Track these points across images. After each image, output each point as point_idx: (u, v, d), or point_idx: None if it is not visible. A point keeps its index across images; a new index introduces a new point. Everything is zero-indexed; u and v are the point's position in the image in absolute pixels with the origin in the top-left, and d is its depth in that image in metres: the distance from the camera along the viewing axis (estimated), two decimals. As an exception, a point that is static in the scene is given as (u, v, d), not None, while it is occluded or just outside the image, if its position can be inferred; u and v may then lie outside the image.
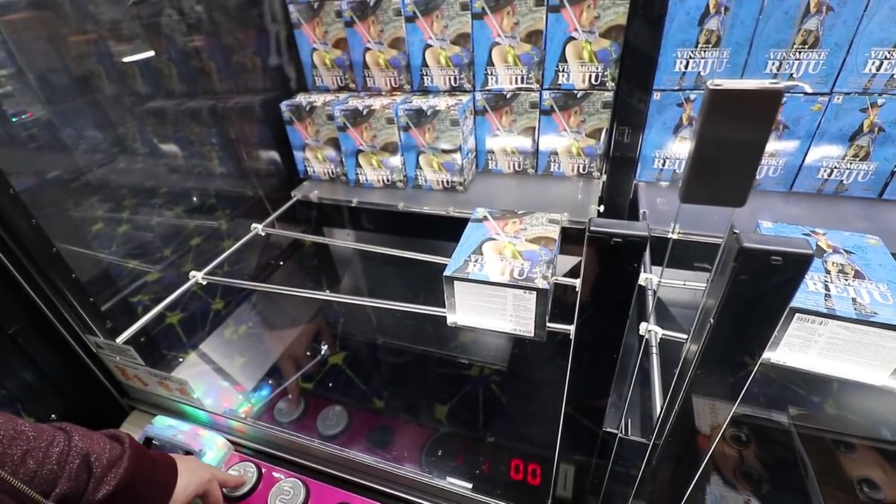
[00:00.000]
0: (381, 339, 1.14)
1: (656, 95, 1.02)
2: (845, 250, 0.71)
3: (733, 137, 0.29)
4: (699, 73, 0.97)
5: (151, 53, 1.24)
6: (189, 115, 1.31)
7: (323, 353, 1.03)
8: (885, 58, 0.86)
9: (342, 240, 1.34)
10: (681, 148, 1.07)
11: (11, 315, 0.75)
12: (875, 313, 0.60)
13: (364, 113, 1.12)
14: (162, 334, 1.02)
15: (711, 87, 0.29)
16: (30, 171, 1.02)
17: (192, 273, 0.97)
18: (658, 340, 0.76)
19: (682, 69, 0.98)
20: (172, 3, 1.18)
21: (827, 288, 0.64)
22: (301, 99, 1.21)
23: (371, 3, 1.09)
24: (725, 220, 0.89)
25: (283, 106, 1.20)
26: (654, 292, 0.85)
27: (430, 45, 1.11)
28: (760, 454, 0.71)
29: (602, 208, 1.09)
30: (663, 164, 1.10)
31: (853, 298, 0.62)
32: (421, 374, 1.03)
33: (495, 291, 0.73)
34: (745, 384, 0.40)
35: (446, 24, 1.07)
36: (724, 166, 0.30)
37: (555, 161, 1.18)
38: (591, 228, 0.37)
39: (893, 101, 0.90)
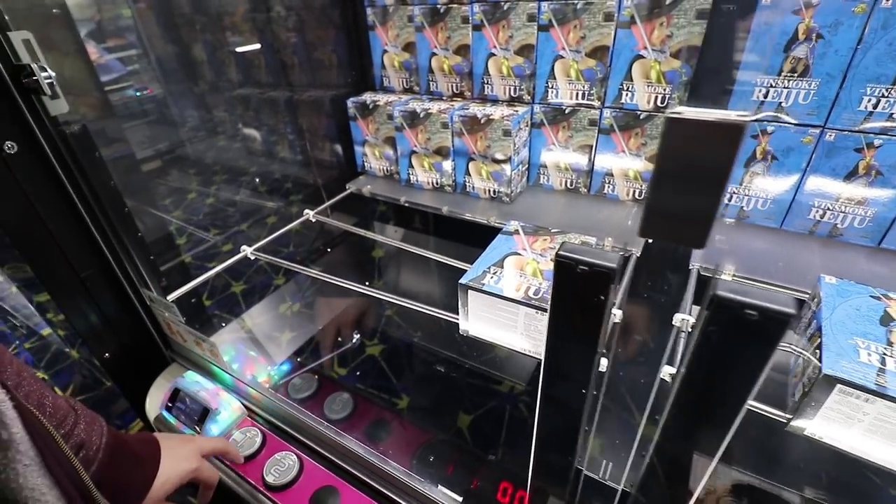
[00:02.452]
0: (409, 338, 1.16)
1: (728, 124, 0.94)
2: (919, 321, 0.61)
3: (693, 172, 0.26)
4: (780, 103, 0.88)
5: (257, 46, 1.36)
6: (268, 104, 1.43)
7: (350, 341, 1.06)
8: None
9: (390, 235, 1.38)
10: (751, 183, 0.97)
11: (84, 261, 0.86)
12: (937, 400, 0.51)
13: (421, 115, 1.15)
14: (213, 299, 1.12)
15: (670, 115, 0.26)
16: (126, 140, 1.16)
17: (244, 247, 1.06)
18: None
19: (761, 98, 0.89)
20: (268, 1, 1.29)
21: (883, 362, 0.56)
22: (366, 97, 1.27)
23: (441, 10, 1.12)
24: (789, 271, 0.81)
25: (349, 102, 1.27)
26: (687, 333, 0.78)
27: (494, 54, 1.11)
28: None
29: (650, 240, 1.02)
30: (730, 199, 1.01)
31: (913, 378, 0.53)
32: (438, 379, 1.03)
33: (507, 307, 0.71)
34: (721, 443, 0.36)
35: (511, 34, 1.06)
36: (684, 202, 0.27)
37: (609, 182, 1.13)
38: (559, 253, 0.35)
39: None
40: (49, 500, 0.41)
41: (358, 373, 0.98)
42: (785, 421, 0.61)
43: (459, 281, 0.74)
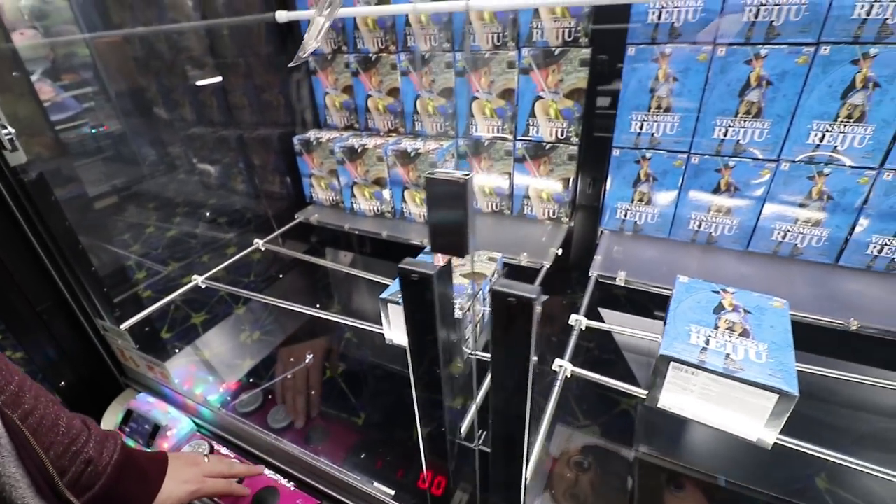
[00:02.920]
0: (350, 352, 1.26)
1: (616, 152, 1.11)
2: (745, 310, 0.76)
3: (446, 209, 0.38)
4: (653, 134, 1.05)
5: (214, 80, 1.47)
6: (221, 141, 1.54)
7: (295, 361, 1.16)
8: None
9: (339, 260, 1.49)
10: (639, 201, 1.13)
11: (40, 296, 0.94)
12: (741, 369, 0.65)
13: (359, 150, 1.28)
14: (168, 327, 1.20)
15: (427, 176, 0.39)
16: (81, 179, 1.25)
17: (195, 276, 1.15)
18: (568, 376, 0.82)
19: (638, 130, 1.06)
20: (219, 46, 1.41)
21: (707, 342, 0.70)
22: (311, 134, 1.39)
23: (372, 58, 1.26)
24: (666, 273, 0.96)
25: (295, 140, 1.39)
26: (580, 331, 0.92)
27: (421, 96, 1.26)
28: (595, 481, 0.75)
29: (560, 252, 1.16)
30: (625, 215, 1.17)
31: (727, 354, 0.67)
32: (370, 384, 1.13)
33: (421, 316, 0.83)
34: (525, 404, 0.47)
35: (433, 79, 1.21)
36: (449, 229, 0.40)
37: (528, 204, 1.27)
38: (493, 288, 0.44)
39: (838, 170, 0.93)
40: (22, 486, 0.49)
41: (302, 388, 1.07)
42: (643, 397, 0.75)
43: (380, 296, 0.86)
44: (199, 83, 1.50)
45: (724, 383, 0.66)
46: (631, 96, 1.03)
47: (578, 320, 0.93)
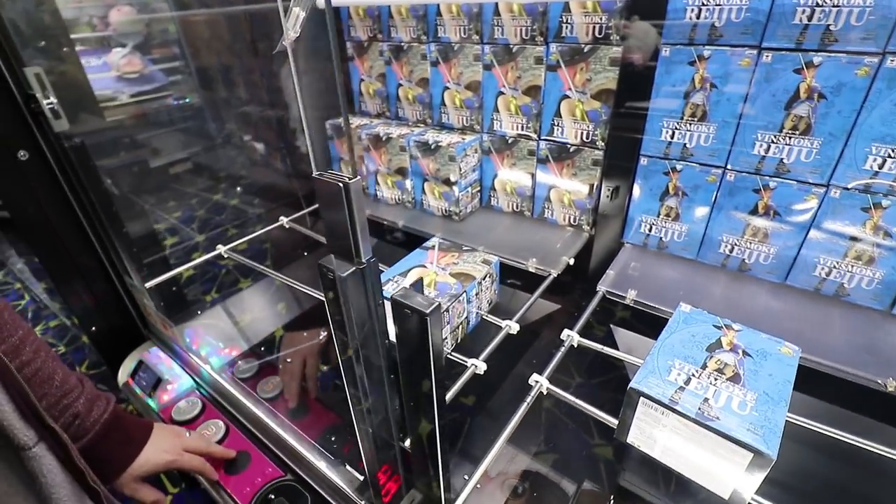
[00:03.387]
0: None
1: (643, 161, 1.02)
2: (744, 351, 0.68)
3: (332, 213, 0.37)
4: (685, 144, 0.96)
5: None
6: (264, 121, 1.61)
7: (301, 336, 1.20)
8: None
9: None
10: (665, 216, 1.04)
11: (80, 250, 1.04)
12: (717, 418, 0.58)
13: (383, 139, 1.29)
14: (187, 291, 1.29)
15: (315, 176, 0.37)
16: (139, 146, 1.37)
17: (219, 246, 1.22)
18: (544, 392, 0.78)
19: (669, 139, 0.97)
20: (268, 30, 1.48)
21: (688, 381, 0.63)
22: (341, 120, 1.42)
23: (404, 48, 1.26)
24: (683, 297, 0.90)
25: (328, 124, 1.42)
26: (571, 347, 0.87)
27: (448, 88, 1.23)
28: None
29: (573, 261, 1.10)
30: (650, 230, 1.08)
31: (706, 398, 0.61)
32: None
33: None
34: (433, 416, 0.45)
35: (462, 71, 1.19)
36: (339, 232, 0.38)
37: (548, 208, 1.22)
38: (393, 297, 0.43)
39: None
40: (6, 409, 0.55)
41: (299, 364, 1.12)
42: (614, 427, 0.69)
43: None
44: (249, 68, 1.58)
45: (695, 430, 0.59)
46: (663, 101, 0.94)
47: (570, 336, 0.88)
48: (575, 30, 0.99)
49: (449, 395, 0.77)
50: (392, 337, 0.49)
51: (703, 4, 0.83)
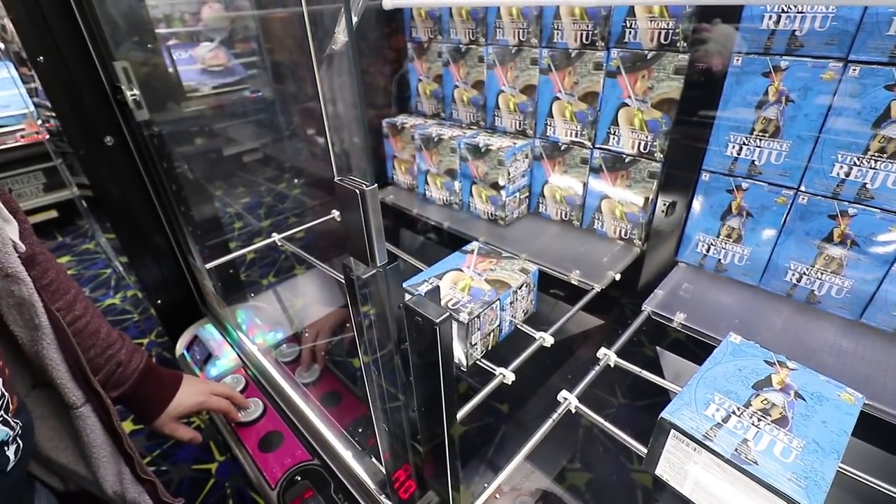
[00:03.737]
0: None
1: (705, 176, 0.96)
2: (797, 393, 0.62)
3: (350, 217, 0.37)
4: (753, 161, 0.88)
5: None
6: (327, 117, 1.67)
7: (342, 326, 1.24)
8: None
9: (405, 243, 1.55)
10: (726, 237, 0.97)
11: (151, 228, 1.14)
12: (754, 462, 0.53)
13: (435, 140, 1.30)
14: (244, 273, 1.37)
15: (335, 181, 0.38)
16: (214, 135, 1.47)
17: (274, 234, 1.29)
18: (572, 411, 0.76)
19: (735, 154, 0.90)
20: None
21: (727, 419, 0.59)
22: (399, 119, 1.45)
23: (462, 50, 1.26)
24: (738, 326, 0.85)
25: (384, 122, 1.46)
26: (608, 366, 0.83)
27: (503, 91, 1.22)
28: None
29: (619, 277, 1.05)
30: (707, 250, 1.01)
31: (745, 439, 0.56)
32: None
33: (432, 313, 0.83)
34: (443, 425, 0.45)
35: (517, 74, 1.17)
36: (356, 234, 0.38)
37: (599, 219, 1.17)
38: (406, 303, 0.44)
39: None
40: (61, 369, 0.62)
41: (339, 354, 1.15)
42: (643, 456, 0.66)
43: (401, 284, 0.87)
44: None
45: (729, 472, 0.55)
46: (731, 114, 0.88)
47: (607, 355, 0.85)
48: (639, 35, 0.94)
49: (473, 403, 0.76)
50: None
51: (784, 11, 0.77)
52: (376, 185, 0.37)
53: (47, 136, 2.79)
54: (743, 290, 0.99)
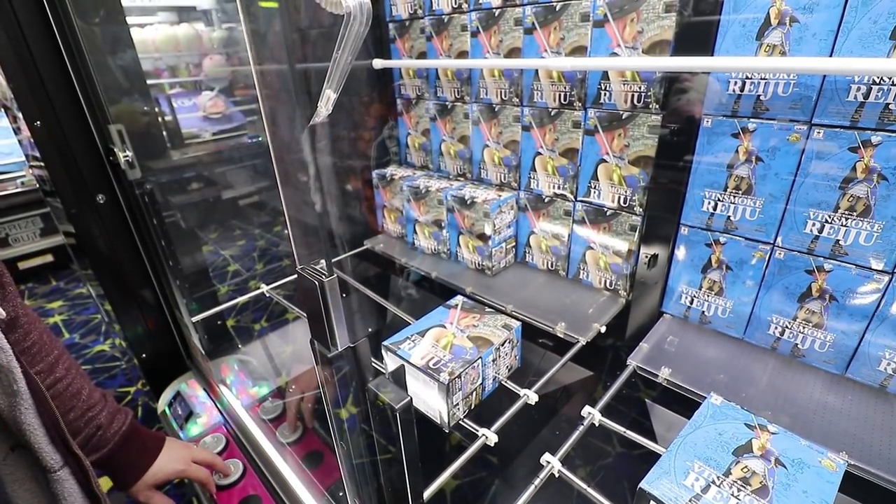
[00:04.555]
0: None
1: (684, 230, 0.97)
2: (777, 460, 0.61)
3: (311, 303, 0.38)
4: (728, 216, 0.90)
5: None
6: (321, 167, 1.71)
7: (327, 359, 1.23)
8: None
9: (394, 291, 1.55)
10: (708, 290, 0.98)
11: (139, 281, 1.15)
12: (735, 538, 0.52)
13: (423, 191, 1.32)
14: (230, 326, 1.37)
15: (297, 270, 0.39)
16: (209, 183, 1.50)
17: (262, 285, 1.29)
18: (556, 475, 0.74)
19: (711, 210, 0.92)
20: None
21: (706, 489, 0.57)
22: (387, 170, 1.48)
23: (448, 106, 1.30)
24: (724, 382, 0.84)
25: (374, 173, 1.49)
26: (590, 426, 0.82)
27: (488, 146, 1.26)
28: None
29: (604, 329, 1.05)
30: (691, 302, 1.02)
31: (724, 512, 0.55)
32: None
33: (414, 371, 0.82)
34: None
35: (501, 130, 1.21)
36: (316, 319, 0.39)
37: (584, 269, 1.18)
38: (368, 386, 0.44)
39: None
40: (39, 434, 0.61)
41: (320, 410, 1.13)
42: (624, 528, 0.64)
43: (383, 342, 0.87)
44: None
45: (710, 548, 0.53)
46: (704, 171, 0.91)
47: (591, 414, 0.84)
48: (613, 97, 0.98)
49: (456, 466, 0.75)
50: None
51: (748, 77, 0.80)
52: (335, 275, 0.38)
53: (36, 185, 2.83)
54: (727, 343, 0.98)
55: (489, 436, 0.78)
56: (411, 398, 0.38)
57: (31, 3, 0.94)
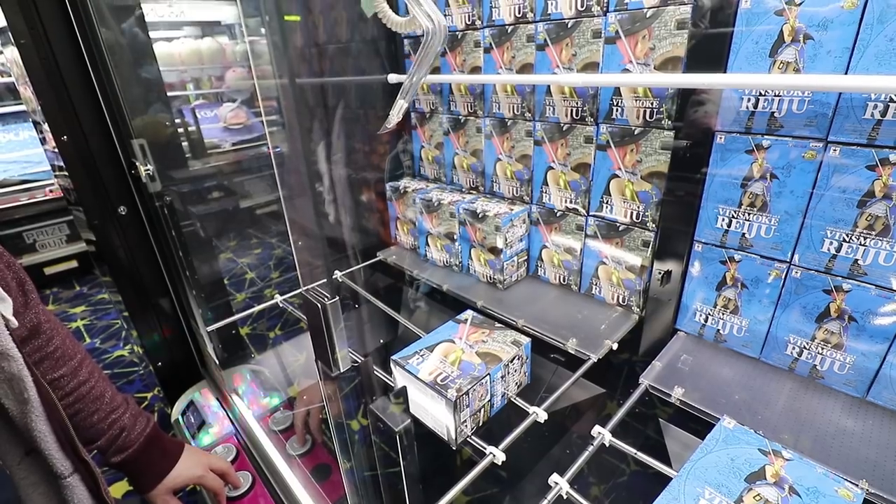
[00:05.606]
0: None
1: (697, 247, 0.96)
2: (791, 488, 0.59)
3: (315, 326, 0.38)
4: (743, 234, 0.89)
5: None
6: (336, 178, 1.74)
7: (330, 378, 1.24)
8: None
9: (406, 302, 1.56)
10: (723, 307, 0.96)
11: (157, 291, 1.17)
12: (746, 569, 0.51)
13: (435, 204, 1.33)
14: (249, 334, 1.39)
15: (302, 293, 0.39)
16: (230, 193, 1.53)
17: (276, 295, 1.31)
18: (564, 496, 0.73)
19: (725, 227, 0.91)
20: (348, 99, 1.62)
21: (717, 516, 0.56)
22: (401, 183, 1.50)
23: (462, 120, 1.32)
24: (739, 403, 0.83)
25: (388, 186, 1.51)
26: (600, 446, 0.81)
27: (500, 160, 1.26)
28: None
29: (616, 346, 1.04)
30: (705, 320, 1.00)
31: (736, 541, 0.53)
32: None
33: (422, 387, 0.83)
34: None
35: (513, 144, 1.21)
36: (319, 342, 0.39)
37: (596, 284, 1.17)
38: (370, 407, 0.45)
39: None
40: (49, 440, 0.63)
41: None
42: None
43: (391, 357, 0.88)
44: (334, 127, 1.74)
45: (720, 578, 0.52)
46: (718, 188, 0.90)
47: (601, 433, 0.82)
48: (625, 112, 0.98)
49: (462, 485, 0.74)
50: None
51: (761, 94, 0.79)
52: (337, 298, 0.38)
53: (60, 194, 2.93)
54: (743, 363, 0.96)
55: (497, 454, 0.77)
56: (412, 420, 0.38)
57: (60, 22, 0.98)
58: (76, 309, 2.95)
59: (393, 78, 1.41)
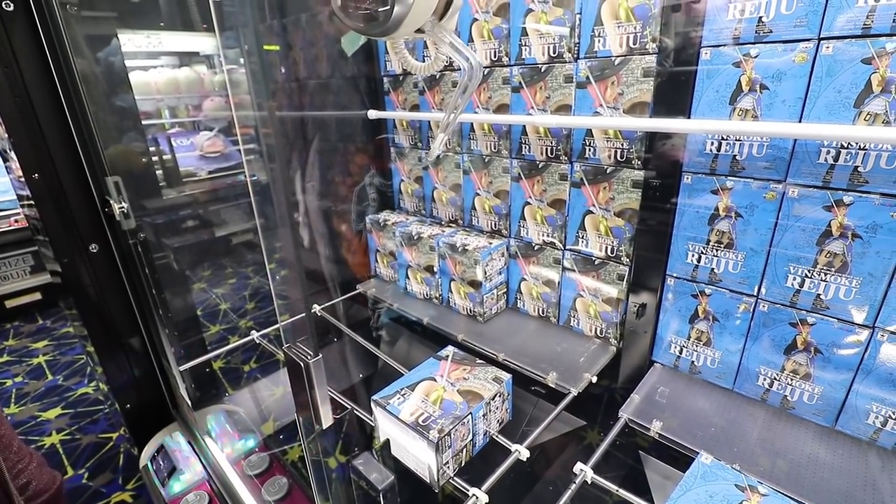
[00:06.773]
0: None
1: (670, 281, 0.99)
2: (769, 524, 0.60)
3: (297, 385, 0.38)
4: (712, 269, 0.92)
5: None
6: (317, 212, 1.74)
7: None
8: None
9: (389, 335, 1.54)
10: (696, 340, 0.99)
11: (128, 330, 1.14)
12: None
13: (415, 237, 1.34)
14: (219, 374, 1.35)
15: (284, 350, 0.39)
16: (206, 224, 1.50)
17: (253, 332, 1.29)
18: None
19: (695, 262, 0.94)
20: (328, 132, 1.64)
21: (698, 557, 0.56)
22: (381, 216, 1.51)
23: (440, 156, 1.34)
24: (715, 436, 0.84)
25: (368, 219, 1.52)
26: (583, 483, 0.80)
27: (479, 195, 1.29)
28: None
29: (595, 379, 1.05)
30: (680, 352, 1.03)
31: (718, 583, 0.54)
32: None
33: (403, 428, 0.82)
34: None
35: (491, 180, 1.24)
36: (302, 399, 0.39)
37: (574, 316, 1.19)
38: (351, 464, 0.45)
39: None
40: None
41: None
42: None
43: (372, 396, 0.86)
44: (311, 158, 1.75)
45: None
46: (687, 225, 0.93)
47: (584, 471, 0.82)
48: (598, 152, 1.02)
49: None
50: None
51: (723, 139, 0.84)
52: (320, 356, 0.38)
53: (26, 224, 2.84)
54: (718, 394, 0.98)
55: (480, 496, 0.76)
56: (395, 478, 0.38)
57: (35, 58, 0.97)
58: (38, 344, 2.81)
59: (373, 114, 1.44)
